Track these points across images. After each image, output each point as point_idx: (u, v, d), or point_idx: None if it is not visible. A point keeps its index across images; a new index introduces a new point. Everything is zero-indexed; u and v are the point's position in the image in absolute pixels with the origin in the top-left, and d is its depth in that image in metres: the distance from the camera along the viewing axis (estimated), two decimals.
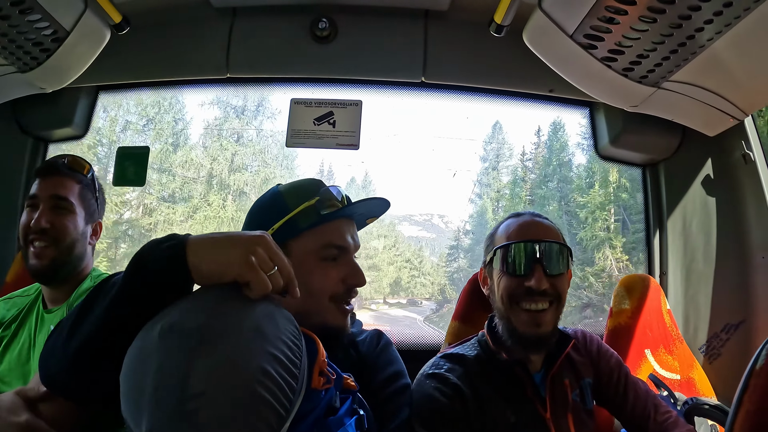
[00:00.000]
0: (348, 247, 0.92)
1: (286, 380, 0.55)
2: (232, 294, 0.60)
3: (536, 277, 0.99)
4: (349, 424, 0.68)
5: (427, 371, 1.04)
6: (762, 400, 0.66)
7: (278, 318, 0.60)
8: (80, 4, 1.26)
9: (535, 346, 1.01)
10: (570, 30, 1.14)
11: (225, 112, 8.05)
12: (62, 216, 1.19)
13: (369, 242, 7.89)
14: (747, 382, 0.68)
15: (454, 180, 8.94)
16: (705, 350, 1.57)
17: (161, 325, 0.55)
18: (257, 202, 0.98)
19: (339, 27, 1.54)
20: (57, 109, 1.72)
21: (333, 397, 0.68)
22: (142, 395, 0.53)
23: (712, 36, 1.15)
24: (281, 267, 0.65)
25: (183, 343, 0.53)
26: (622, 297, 1.50)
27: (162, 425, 0.51)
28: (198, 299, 0.59)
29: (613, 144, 1.69)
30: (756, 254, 1.49)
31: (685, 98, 1.40)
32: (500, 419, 0.98)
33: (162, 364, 0.53)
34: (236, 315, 0.57)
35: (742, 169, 1.51)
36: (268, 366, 0.54)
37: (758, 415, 0.66)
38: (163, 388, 0.52)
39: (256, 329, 0.56)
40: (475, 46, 1.54)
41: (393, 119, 3.15)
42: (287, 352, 0.57)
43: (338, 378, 0.70)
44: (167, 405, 0.51)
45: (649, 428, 1.06)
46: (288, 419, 0.56)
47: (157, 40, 1.59)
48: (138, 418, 0.53)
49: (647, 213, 1.78)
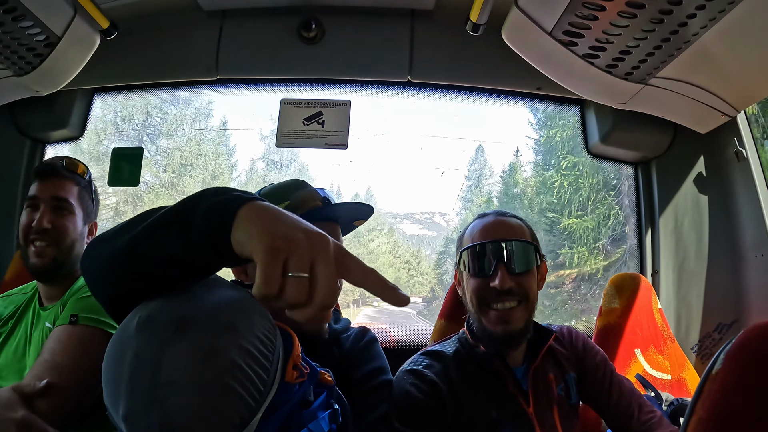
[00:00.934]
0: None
1: (257, 373, 0.57)
2: (210, 289, 0.62)
3: (500, 277, 0.98)
4: (321, 418, 0.69)
5: (406, 367, 1.05)
6: (715, 407, 0.62)
7: (252, 314, 0.61)
8: (70, 11, 1.30)
9: (505, 344, 1.01)
10: (548, 27, 1.14)
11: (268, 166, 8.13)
12: (63, 217, 1.22)
13: (368, 245, 8.09)
14: (702, 388, 0.65)
15: (448, 178, 9.01)
16: (697, 350, 1.55)
17: (139, 316, 0.57)
18: None
19: (326, 28, 1.55)
20: (54, 112, 1.76)
21: (307, 391, 0.69)
22: (119, 383, 0.55)
23: (697, 31, 1.14)
24: (321, 281, 0.49)
25: (158, 334, 0.55)
26: (612, 296, 1.49)
27: (135, 410, 0.53)
28: (178, 294, 0.61)
29: (604, 142, 1.68)
30: (749, 253, 1.46)
31: (675, 95, 1.38)
32: (480, 415, 0.97)
33: (137, 352, 0.55)
34: (211, 309, 0.59)
35: (734, 166, 1.49)
36: (239, 359, 0.56)
37: (710, 424, 0.62)
38: (138, 375, 0.54)
39: (229, 323, 0.58)
40: (461, 44, 1.54)
41: (382, 118, 3.17)
42: (259, 346, 0.58)
43: (312, 372, 0.71)
44: (141, 391, 0.53)
45: (632, 427, 1.05)
46: (259, 411, 0.58)
47: (148, 43, 1.62)
48: (116, 404, 0.55)
49: (639, 211, 1.76)
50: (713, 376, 0.64)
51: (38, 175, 1.25)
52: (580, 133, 1.75)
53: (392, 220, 8.67)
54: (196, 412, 0.53)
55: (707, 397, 0.63)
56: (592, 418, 1.32)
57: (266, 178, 7.63)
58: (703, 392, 0.64)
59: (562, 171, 6.86)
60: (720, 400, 0.62)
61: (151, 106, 5.62)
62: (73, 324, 1.06)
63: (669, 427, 1.04)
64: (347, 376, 0.92)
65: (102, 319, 1.08)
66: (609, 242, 6.34)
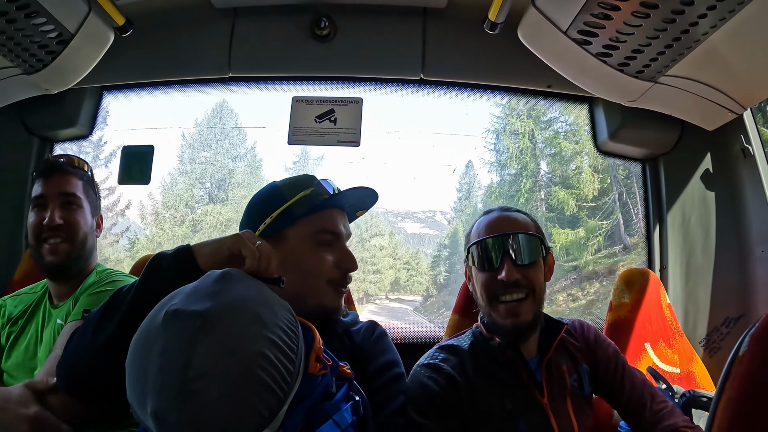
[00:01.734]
0: (341, 234, 0.97)
1: (283, 364, 0.57)
2: (233, 283, 0.63)
3: (506, 269, 1.01)
4: (344, 409, 0.70)
5: (422, 362, 1.06)
6: (743, 386, 0.66)
7: (275, 306, 0.63)
8: (84, 7, 1.28)
9: (515, 336, 1.03)
10: (564, 26, 1.15)
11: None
12: (72, 211, 1.22)
13: (372, 251, 8.24)
14: (729, 369, 0.69)
15: (454, 176, 9.26)
16: (705, 344, 1.58)
17: (165, 311, 0.57)
18: (255, 197, 1.02)
19: (339, 26, 1.56)
20: (62, 110, 1.75)
21: (329, 383, 0.70)
22: (146, 378, 0.55)
23: (707, 30, 1.15)
24: (262, 247, 0.77)
25: (186, 327, 0.56)
26: (622, 291, 1.51)
27: (166, 406, 0.53)
28: (200, 287, 0.61)
29: (612, 139, 1.70)
30: (755, 248, 1.49)
31: (683, 93, 1.40)
32: (496, 407, 0.99)
33: (166, 347, 0.55)
34: (236, 302, 0.60)
35: (741, 163, 1.52)
36: (266, 350, 0.56)
37: (740, 402, 0.66)
38: (167, 370, 0.54)
39: (255, 315, 0.59)
40: (473, 43, 1.55)
41: (394, 116, 3.18)
42: (284, 338, 0.59)
43: (334, 364, 0.72)
44: (171, 386, 0.53)
45: (645, 417, 1.07)
46: (286, 402, 0.58)
47: (160, 41, 1.61)
48: (143, 401, 0.55)
49: (647, 207, 1.78)
50: (740, 358, 0.68)
51: (42, 173, 1.24)
52: (588, 130, 1.77)
53: (393, 219, 8.82)
54: (226, 405, 0.53)
55: (735, 378, 0.67)
56: (603, 410, 1.34)
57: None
58: (731, 373, 0.68)
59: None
60: (747, 380, 0.66)
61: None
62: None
63: (681, 416, 1.06)
64: (361, 369, 0.93)
65: None
66: None
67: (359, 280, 8.15)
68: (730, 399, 0.67)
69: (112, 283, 1.17)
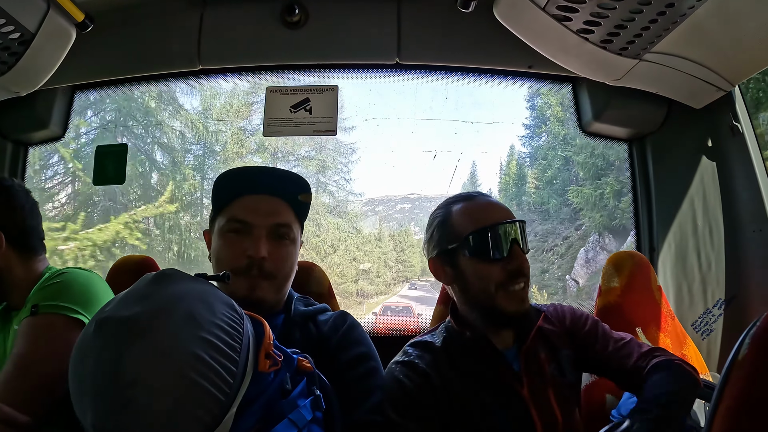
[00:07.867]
0: (250, 221, 0.94)
1: (223, 365, 0.55)
2: (167, 284, 0.60)
3: (519, 257, 0.97)
4: (302, 406, 0.67)
5: (396, 359, 1.02)
6: (744, 394, 0.58)
7: (214, 303, 0.60)
8: (43, 5, 1.24)
9: (519, 322, 1.01)
10: (542, 2, 1.11)
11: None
12: None
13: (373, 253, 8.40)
14: (728, 375, 0.60)
15: (440, 161, 9.22)
16: (697, 326, 1.55)
17: (96, 320, 0.55)
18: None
19: (310, 12, 1.50)
20: (34, 112, 1.70)
21: (284, 380, 0.67)
22: (84, 391, 0.53)
23: (693, 4, 1.11)
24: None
25: (115, 335, 0.53)
26: (611, 275, 1.47)
27: (103, 416, 0.51)
28: (132, 292, 0.59)
29: (597, 119, 1.65)
30: (746, 228, 1.46)
31: (669, 70, 1.36)
32: (474, 403, 0.95)
33: (98, 357, 0.53)
34: (168, 302, 0.57)
35: (730, 141, 1.48)
36: (201, 351, 0.54)
37: (739, 413, 0.58)
38: (101, 379, 0.52)
39: (189, 316, 0.56)
40: (450, 24, 1.49)
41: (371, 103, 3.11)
42: (223, 337, 0.56)
43: (288, 359, 0.69)
44: (105, 396, 0.51)
45: (635, 364, 1.01)
46: (231, 405, 0.56)
47: (126, 35, 1.56)
48: (84, 414, 0.53)
49: (634, 189, 1.73)
50: (739, 362, 0.60)
51: None
52: (572, 111, 1.72)
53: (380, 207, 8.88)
54: (162, 412, 0.51)
55: (735, 384, 0.60)
56: (595, 399, 1.31)
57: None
58: (730, 379, 0.60)
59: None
60: (748, 386, 0.59)
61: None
62: (34, 314, 1.00)
63: (672, 355, 1.02)
64: (330, 360, 0.91)
65: (62, 305, 1.01)
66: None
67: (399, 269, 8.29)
68: (730, 408, 0.59)
69: (62, 275, 1.11)
